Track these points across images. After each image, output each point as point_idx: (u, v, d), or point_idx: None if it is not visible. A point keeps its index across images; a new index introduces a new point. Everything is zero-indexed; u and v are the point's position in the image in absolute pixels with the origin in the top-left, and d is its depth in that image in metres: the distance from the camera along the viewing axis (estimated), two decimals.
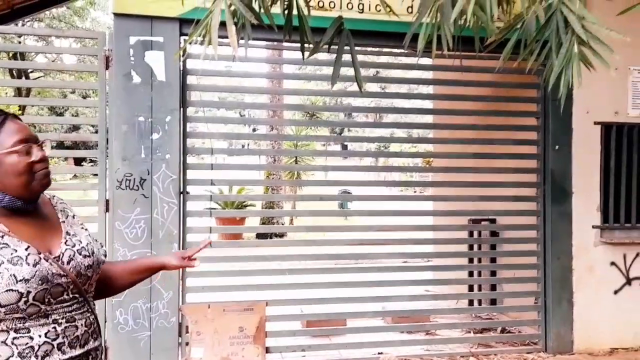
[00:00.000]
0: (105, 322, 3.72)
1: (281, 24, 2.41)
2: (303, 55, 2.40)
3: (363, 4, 4.10)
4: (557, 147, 4.33)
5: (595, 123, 4.35)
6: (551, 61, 2.17)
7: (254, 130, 16.65)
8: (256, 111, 11.16)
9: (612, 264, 4.37)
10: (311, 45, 2.38)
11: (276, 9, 2.45)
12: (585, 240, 4.34)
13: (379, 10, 4.14)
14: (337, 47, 2.46)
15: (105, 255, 1.47)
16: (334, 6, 4.07)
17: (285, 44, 3.90)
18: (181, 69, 3.89)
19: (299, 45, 2.44)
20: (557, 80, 2.24)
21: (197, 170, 4.18)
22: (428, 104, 6.92)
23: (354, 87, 2.55)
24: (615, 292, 4.36)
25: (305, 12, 2.35)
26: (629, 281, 4.38)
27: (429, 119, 6.23)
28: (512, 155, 4.44)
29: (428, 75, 5.50)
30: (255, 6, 2.34)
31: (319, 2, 4.07)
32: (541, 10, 2.21)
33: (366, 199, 4.78)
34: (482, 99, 4.66)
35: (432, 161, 7.47)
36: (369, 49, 4.38)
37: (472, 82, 4.58)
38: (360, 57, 5.46)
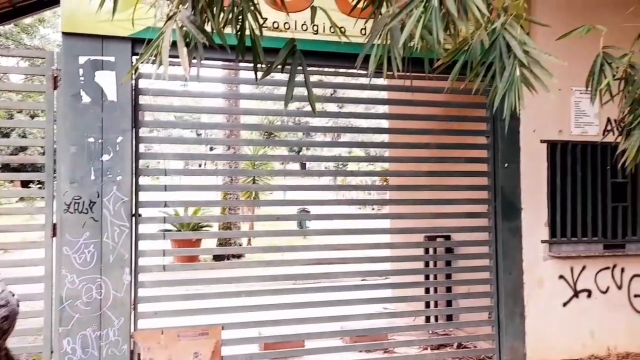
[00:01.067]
0: (52, 352, 3.56)
1: (234, 44, 2.43)
2: (256, 76, 2.42)
3: (317, 26, 4.17)
4: (506, 164, 4.49)
5: (542, 141, 4.55)
6: (496, 83, 2.28)
7: (211, 149, 16.53)
8: (214, 131, 11.08)
9: (561, 277, 4.53)
10: (264, 66, 2.40)
11: (230, 29, 2.46)
12: (534, 255, 4.49)
13: (333, 32, 4.22)
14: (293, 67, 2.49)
15: (18, 306, 1.22)
16: (289, 27, 4.11)
17: (241, 64, 3.91)
18: (133, 88, 3.84)
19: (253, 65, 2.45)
20: (502, 101, 2.35)
21: (151, 191, 4.09)
22: (384, 123, 7.07)
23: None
24: (564, 304, 4.52)
25: (258, 33, 2.37)
26: (576, 293, 4.55)
27: (384, 137, 6.36)
28: (464, 173, 4.58)
29: (383, 95, 5.63)
30: (209, 26, 2.35)
31: (273, 23, 4.11)
32: (485, 35, 2.32)
33: (323, 218, 4.80)
34: (435, 119, 4.80)
35: (389, 179, 7.60)
36: (325, 69, 4.45)
37: (425, 101, 4.71)
38: (316, 78, 5.55)
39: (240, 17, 2.32)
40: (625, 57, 2.60)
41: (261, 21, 2.30)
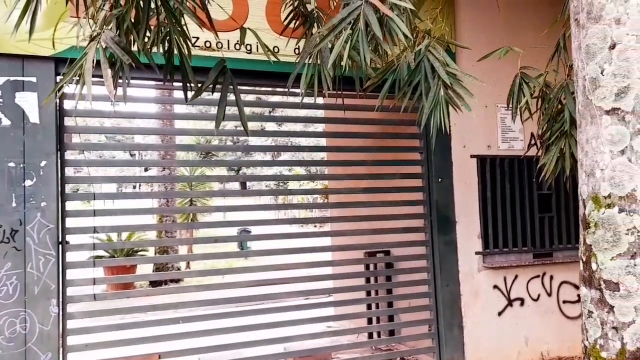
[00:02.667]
0: None
1: (164, 64, 2.41)
2: (186, 96, 2.41)
3: (250, 45, 4.20)
4: (440, 179, 4.66)
5: (472, 156, 4.76)
6: (423, 103, 2.39)
7: (146, 170, 16.07)
8: (148, 152, 10.79)
9: (495, 287, 4.73)
10: (195, 86, 2.40)
11: (158, 49, 2.44)
12: (469, 267, 4.66)
13: (267, 51, 4.27)
14: (224, 88, 2.49)
15: None
16: (222, 46, 4.12)
17: (175, 83, 3.87)
18: (58, 110, 3.70)
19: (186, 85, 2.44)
20: (430, 119, 2.46)
21: (79, 217, 3.93)
22: (323, 141, 7.16)
23: (251, 126, 2.60)
24: (499, 313, 4.71)
25: (187, 52, 2.37)
26: (510, 302, 4.76)
27: (323, 155, 6.46)
28: (400, 189, 4.71)
29: (320, 113, 5.71)
30: (136, 46, 2.32)
31: (205, 42, 4.10)
32: (411, 56, 2.43)
33: (263, 238, 4.77)
34: (371, 136, 4.92)
35: (328, 197, 7.69)
36: (261, 88, 4.48)
37: (360, 119, 4.82)
38: (254, 96, 5.56)
39: (167, 37, 2.31)
40: (541, 77, 2.80)
41: (190, 41, 2.30)
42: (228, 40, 4.13)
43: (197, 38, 3.99)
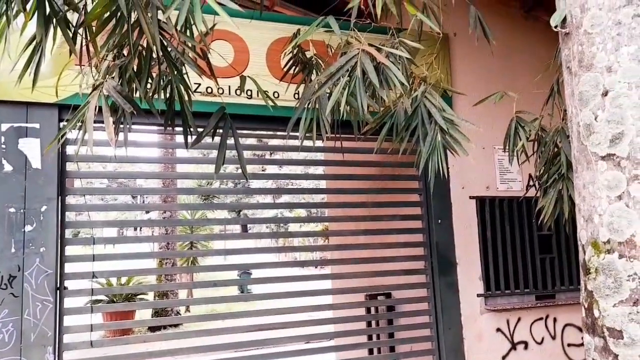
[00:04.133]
0: None
1: (165, 109, 2.44)
2: (186, 142, 2.43)
3: (251, 90, 4.26)
4: (439, 220, 4.64)
5: (471, 197, 4.76)
6: (420, 147, 2.41)
7: (147, 213, 16.07)
8: (149, 196, 10.82)
9: (498, 330, 4.63)
10: (195, 131, 2.42)
11: (160, 96, 2.48)
12: (472, 309, 4.58)
13: (266, 97, 4.33)
14: (224, 133, 2.51)
15: None
16: (223, 92, 4.18)
17: (176, 128, 3.91)
18: (60, 155, 3.72)
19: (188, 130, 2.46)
20: (428, 163, 2.48)
21: (78, 262, 3.89)
22: (323, 183, 7.19)
23: (251, 169, 2.61)
24: (504, 357, 4.60)
25: (187, 99, 2.40)
26: (514, 346, 4.65)
27: (323, 197, 6.47)
28: (400, 231, 4.68)
29: (320, 156, 5.76)
30: (139, 93, 2.35)
31: (207, 88, 4.17)
32: (408, 102, 2.47)
33: (263, 282, 4.71)
34: (370, 178, 4.93)
35: (329, 239, 7.64)
36: (262, 132, 4.53)
37: (359, 162, 4.85)
38: (254, 140, 5.61)
39: (168, 85, 2.35)
40: (536, 121, 2.83)
41: (191, 89, 2.33)
42: (229, 86, 4.19)
43: (199, 84, 4.07)
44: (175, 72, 2.02)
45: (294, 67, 3.36)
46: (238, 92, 4.22)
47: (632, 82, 1.57)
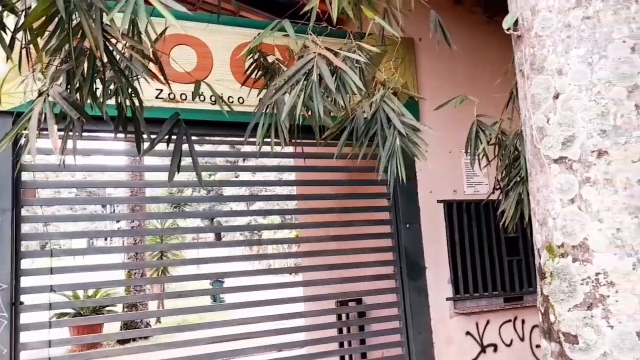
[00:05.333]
0: None
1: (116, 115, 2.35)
2: (139, 149, 2.34)
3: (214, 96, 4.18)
4: (408, 225, 4.62)
5: (438, 201, 4.76)
6: (380, 152, 2.38)
7: (117, 221, 15.71)
8: (120, 205, 10.56)
9: (467, 333, 4.63)
10: (145, 137, 2.34)
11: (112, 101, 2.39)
12: (441, 313, 4.57)
13: (232, 102, 4.25)
14: (178, 139, 2.44)
15: None
16: (186, 98, 4.10)
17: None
18: (14, 165, 3.58)
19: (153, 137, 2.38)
20: (388, 168, 2.44)
21: (35, 276, 3.74)
22: (294, 189, 7.11)
23: (224, 176, 2.54)
24: None
25: (139, 103, 2.32)
26: (483, 349, 4.66)
27: (293, 204, 6.41)
28: (369, 236, 4.65)
29: (289, 162, 5.70)
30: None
31: (169, 95, 4.07)
32: (367, 106, 2.44)
33: (233, 291, 4.61)
34: (339, 183, 4.90)
35: (300, 246, 7.58)
36: (227, 138, 4.45)
37: (327, 167, 4.81)
38: (226, 147, 5.53)
39: (119, 91, 2.26)
40: (496, 125, 2.83)
41: (140, 95, 2.24)
42: (192, 92, 4.11)
43: (161, 90, 3.98)
44: (122, 78, 1.93)
45: (255, 71, 3.30)
46: (202, 97, 4.14)
47: (582, 85, 1.56)
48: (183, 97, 4.08)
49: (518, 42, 1.78)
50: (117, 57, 1.88)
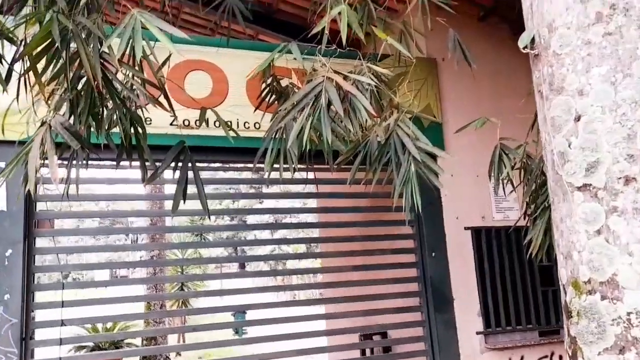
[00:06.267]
0: None
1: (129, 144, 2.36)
2: (143, 178, 2.34)
3: (230, 121, 4.18)
4: (433, 253, 4.50)
5: (466, 228, 4.63)
6: (394, 178, 2.32)
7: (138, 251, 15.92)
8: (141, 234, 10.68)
9: None
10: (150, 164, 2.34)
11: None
12: (471, 348, 4.40)
13: (248, 127, 4.25)
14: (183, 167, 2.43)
15: None
16: (201, 124, 4.10)
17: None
18: (26, 195, 3.63)
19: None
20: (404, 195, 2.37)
21: (46, 309, 3.76)
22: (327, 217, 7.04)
23: (247, 203, 2.52)
24: None
25: (142, 131, 2.32)
26: None
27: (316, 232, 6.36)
28: (393, 265, 4.54)
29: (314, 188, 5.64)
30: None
31: (184, 121, 4.10)
32: (381, 131, 2.38)
33: (255, 324, 4.53)
34: (359, 210, 4.82)
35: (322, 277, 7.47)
36: (238, 165, 4.45)
37: (348, 193, 4.73)
38: (248, 174, 5.54)
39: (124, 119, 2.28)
40: (520, 148, 2.74)
41: (143, 122, 2.25)
42: (207, 118, 4.11)
43: (175, 117, 4.00)
44: (122, 106, 1.94)
45: (269, 95, 3.30)
46: (217, 123, 4.16)
47: (605, 106, 1.48)
48: (197, 123, 4.09)
49: (536, 61, 1.71)
50: (118, 85, 1.89)
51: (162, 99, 2.30)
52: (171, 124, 4.02)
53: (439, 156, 2.61)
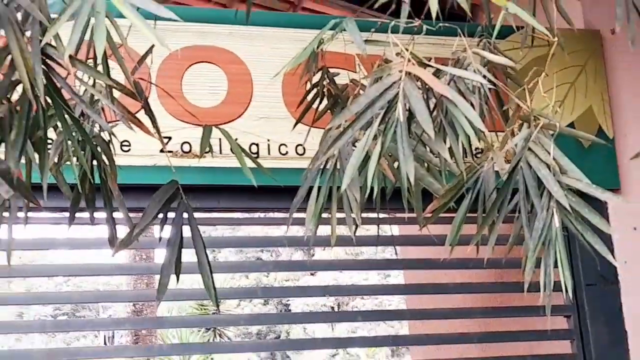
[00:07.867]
0: None
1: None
2: (111, 242, 2.44)
3: (257, 144, 4.22)
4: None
5: None
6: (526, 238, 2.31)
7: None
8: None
9: None
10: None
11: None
12: None
13: (285, 154, 4.26)
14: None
15: None
16: (210, 149, 4.18)
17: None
18: None
19: None
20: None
21: None
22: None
23: (295, 275, 2.59)
24: None
25: (109, 165, 2.42)
26: None
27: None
28: None
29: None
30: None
31: (182, 145, 4.18)
32: (501, 158, 2.38)
33: None
34: (475, 289, 4.82)
35: None
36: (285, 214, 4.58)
37: (455, 261, 4.72)
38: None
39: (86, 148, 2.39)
40: None
41: (112, 153, 2.36)
42: (220, 139, 4.13)
43: (169, 138, 4.10)
44: (77, 127, 2.04)
45: (317, 100, 3.35)
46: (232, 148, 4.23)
47: None
48: (201, 148, 4.19)
49: None
50: (70, 97, 1.99)
51: (142, 115, 2.41)
52: (161, 151, 4.08)
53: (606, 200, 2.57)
